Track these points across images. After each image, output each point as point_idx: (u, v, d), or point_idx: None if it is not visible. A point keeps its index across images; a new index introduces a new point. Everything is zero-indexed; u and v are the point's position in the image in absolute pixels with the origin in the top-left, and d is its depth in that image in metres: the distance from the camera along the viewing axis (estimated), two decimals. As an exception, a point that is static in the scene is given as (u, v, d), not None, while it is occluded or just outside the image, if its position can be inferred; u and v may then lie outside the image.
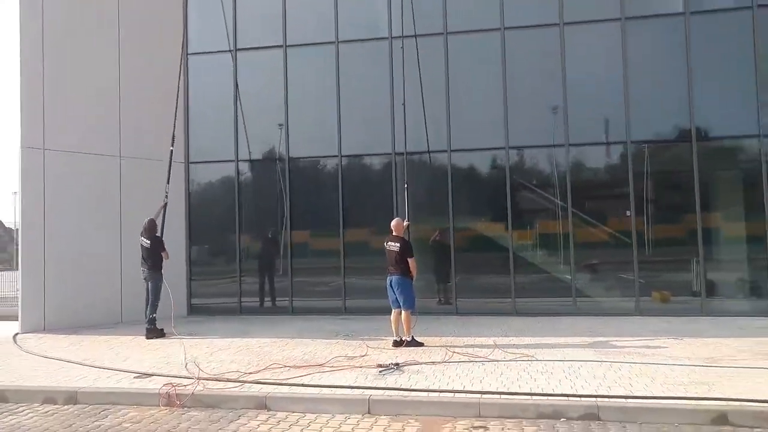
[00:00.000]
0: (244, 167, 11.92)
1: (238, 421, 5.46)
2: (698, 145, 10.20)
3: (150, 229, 9.42)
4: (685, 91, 10.21)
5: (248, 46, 11.84)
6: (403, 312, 7.85)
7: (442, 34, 11.03)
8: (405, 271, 7.86)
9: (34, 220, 10.03)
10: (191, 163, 11.88)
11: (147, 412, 5.80)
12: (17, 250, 10.67)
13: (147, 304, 9.37)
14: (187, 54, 11.83)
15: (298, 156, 11.68)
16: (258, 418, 5.55)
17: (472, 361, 7.02)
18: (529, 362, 6.90)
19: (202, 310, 11.62)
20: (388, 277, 8.05)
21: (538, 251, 11.06)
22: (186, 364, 7.20)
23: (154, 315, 9.28)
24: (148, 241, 9.35)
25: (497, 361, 7.02)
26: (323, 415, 5.60)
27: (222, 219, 11.94)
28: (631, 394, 5.52)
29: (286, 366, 6.97)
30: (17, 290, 10.27)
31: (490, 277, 11.25)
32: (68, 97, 10.36)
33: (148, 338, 9.08)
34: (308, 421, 5.44)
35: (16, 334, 9.65)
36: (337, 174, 11.40)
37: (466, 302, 10.92)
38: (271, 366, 6.95)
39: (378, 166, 11.59)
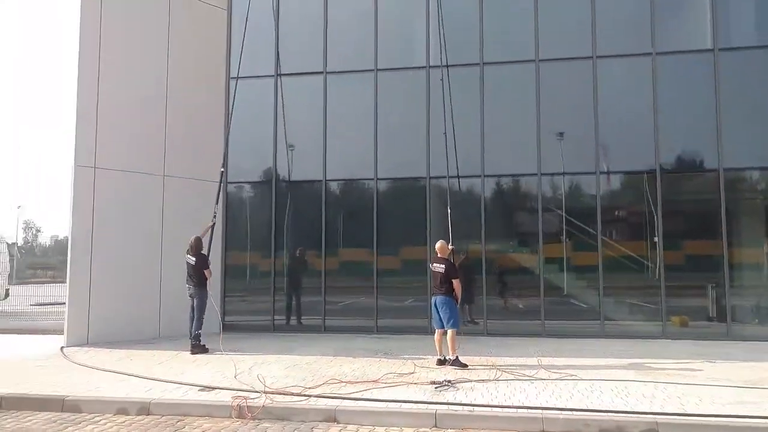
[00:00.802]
0: (281, 187, 12.25)
1: (313, 432, 5.73)
2: (725, 174, 10.62)
3: (196, 247, 9.71)
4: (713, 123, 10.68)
5: (290, 72, 12.26)
6: (448, 331, 8.10)
7: (478, 64, 11.50)
8: (449, 292, 8.15)
9: (82, 236, 10.31)
10: (230, 183, 12.20)
11: (220, 423, 6.06)
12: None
13: (191, 321, 9.63)
14: (229, 78, 12.28)
15: (335, 178, 12.03)
16: (331, 430, 5.81)
17: (520, 380, 7.31)
18: (576, 381, 7.20)
19: (234, 328, 11.82)
20: (432, 297, 8.34)
21: (566, 275, 11.37)
22: (253, 378, 7.46)
23: (200, 331, 9.54)
24: (194, 259, 9.63)
25: (544, 380, 7.31)
26: (392, 428, 5.87)
27: (257, 238, 12.25)
28: (686, 412, 5.81)
29: (342, 382, 7.23)
30: (58, 304, 10.50)
31: (520, 299, 11.55)
32: (119, 118, 10.71)
33: (192, 353, 9.32)
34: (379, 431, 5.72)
35: (62, 347, 9.87)
36: (373, 196, 11.74)
37: (495, 323, 11.20)
38: (329, 381, 7.21)
39: (412, 189, 11.94)
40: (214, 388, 6.99)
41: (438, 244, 8.53)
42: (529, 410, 5.99)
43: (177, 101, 11.50)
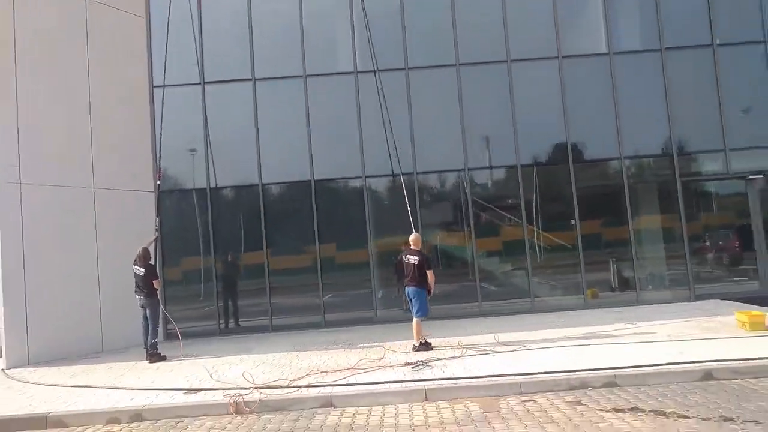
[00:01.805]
0: (215, 195, 12.21)
1: (317, 418, 6.07)
2: (625, 162, 12.07)
3: (144, 257, 9.58)
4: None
5: (217, 79, 12.25)
6: (414, 319, 8.64)
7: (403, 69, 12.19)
8: (421, 283, 8.62)
9: (12, 255, 9.75)
10: (164, 191, 11.98)
11: (222, 419, 6.23)
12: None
13: (145, 330, 9.49)
14: (153, 86, 12.09)
15: (271, 182, 12.21)
16: (333, 414, 6.19)
17: (483, 354, 8.04)
18: (534, 350, 8.05)
19: (176, 336, 11.64)
20: (406, 288, 8.79)
21: (498, 259, 12.36)
22: (231, 377, 7.59)
23: (156, 340, 9.43)
24: (143, 269, 9.50)
25: (505, 352, 8.09)
26: (387, 405, 6.35)
27: (195, 246, 12.15)
28: (636, 364, 6.80)
29: (321, 372, 7.58)
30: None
31: (457, 284, 12.37)
32: (42, 132, 10.25)
33: (151, 362, 9.21)
34: (380, 410, 6.17)
35: (3, 369, 9.32)
36: (311, 197, 12.06)
37: (437, 309, 11.92)
38: (310, 373, 7.53)
39: (348, 189, 12.41)
40: (198, 390, 7.08)
41: (412, 237, 8.97)
42: (505, 377, 6.70)
43: (102, 112, 11.14)
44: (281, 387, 6.93)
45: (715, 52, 12.30)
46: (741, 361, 6.70)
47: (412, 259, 8.70)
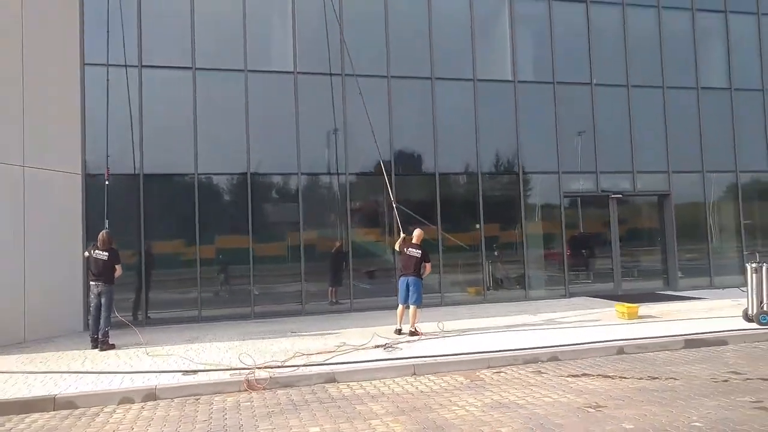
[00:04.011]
0: (150, 181, 12.07)
1: (328, 391, 6.84)
2: (523, 177, 14.12)
3: (107, 241, 9.39)
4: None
5: (152, 64, 12.13)
6: (411, 307, 9.55)
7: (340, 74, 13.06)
8: (419, 273, 9.62)
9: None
10: (88, 174, 11.62)
11: (241, 395, 6.73)
12: None
13: (95, 320, 9.29)
14: (84, 64, 11.70)
15: (206, 172, 12.36)
16: (340, 387, 7.01)
17: (438, 338, 9.30)
18: (480, 335, 9.47)
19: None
20: (404, 278, 9.67)
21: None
22: (220, 359, 7.97)
23: (108, 328, 9.31)
24: (105, 254, 9.32)
25: (452, 336, 9.42)
26: (384, 379, 7.31)
27: (123, 231, 11.86)
28: (570, 343, 8.49)
29: (304, 354, 8.24)
30: None
31: (380, 279, 13.50)
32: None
33: (102, 350, 9.11)
34: (379, 383, 7.11)
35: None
36: (247, 189, 12.45)
37: (366, 302, 12.99)
38: (295, 355, 8.17)
39: (283, 184, 13.01)
40: (196, 372, 7.43)
41: (416, 232, 9.90)
42: (474, 354, 8.01)
43: (33, 87, 10.57)
44: (284, 366, 7.53)
45: (593, 90, 14.86)
46: (641, 340, 8.70)
47: (415, 252, 9.66)
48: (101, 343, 9.21)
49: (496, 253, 14.17)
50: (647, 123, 15.31)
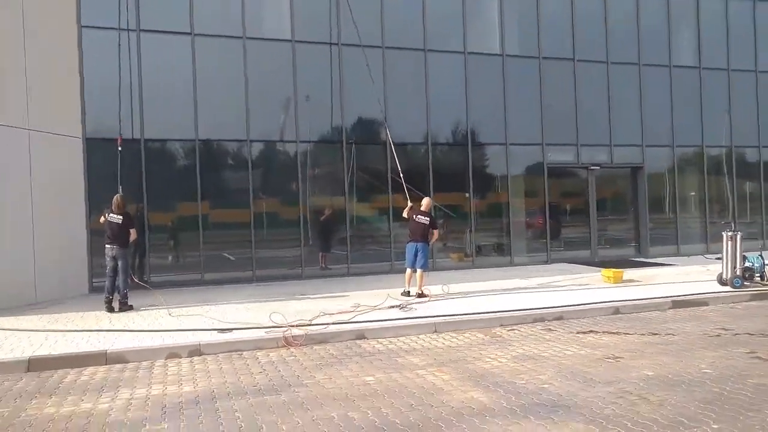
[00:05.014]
0: (150, 146, 12.12)
1: (362, 346, 7.31)
2: (509, 148, 14.71)
3: (122, 206, 9.50)
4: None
5: (151, 28, 12.04)
6: (419, 271, 10.02)
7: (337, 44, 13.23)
8: (427, 239, 10.09)
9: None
10: (88, 139, 11.57)
11: (280, 351, 7.13)
12: None
13: (111, 281, 9.43)
14: (82, 26, 11.54)
15: (206, 138, 12.45)
16: (371, 343, 7.50)
17: (446, 299, 9.88)
18: (485, 297, 10.11)
19: (103, 289, 11.47)
20: (412, 243, 10.08)
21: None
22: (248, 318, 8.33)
23: (127, 290, 9.50)
24: (120, 217, 9.43)
25: (458, 298, 10.02)
26: (409, 336, 7.85)
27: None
28: (573, 303, 9.21)
29: (327, 314, 8.67)
30: None
31: (374, 245, 13.97)
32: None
33: (121, 311, 9.32)
34: (407, 340, 7.63)
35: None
36: (247, 157, 12.63)
37: (359, 267, 13.47)
38: (319, 315, 8.58)
39: (280, 151, 13.21)
40: (231, 330, 7.77)
41: (425, 201, 10.32)
42: (487, 314, 8.61)
43: (34, 49, 10.42)
44: (312, 324, 7.95)
45: (575, 65, 15.49)
46: (634, 301, 9.50)
47: (423, 219, 10.10)
48: (121, 304, 9.41)
49: (485, 220, 14.83)
50: (625, 99, 16.10)
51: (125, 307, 9.42)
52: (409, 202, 10.62)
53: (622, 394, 5.21)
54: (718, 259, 14.54)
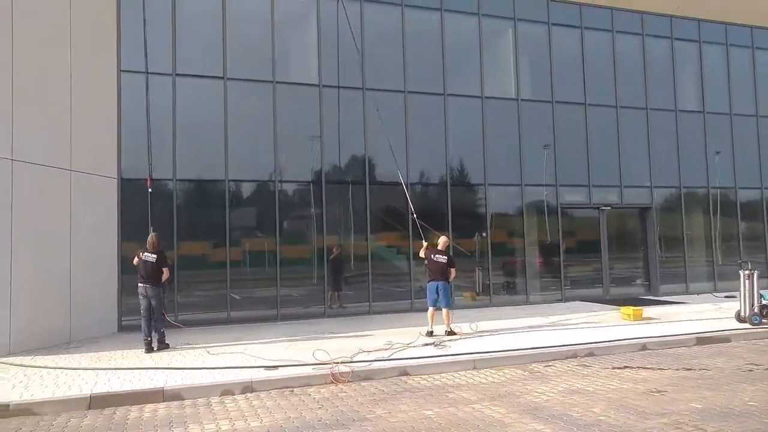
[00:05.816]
0: (182, 186, 12.45)
1: (408, 382, 7.52)
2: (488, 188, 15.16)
3: (156, 244, 9.72)
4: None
5: (187, 73, 12.51)
6: (444, 310, 10.26)
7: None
8: (447, 278, 10.33)
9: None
10: (124, 179, 11.89)
11: (330, 387, 7.32)
12: None
13: (147, 321, 9.54)
14: (121, 70, 11.99)
15: (235, 179, 12.79)
16: (414, 379, 7.70)
17: (476, 338, 10.09)
18: (516, 334, 10.32)
19: (131, 328, 11.63)
20: (433, 283, 10.33)
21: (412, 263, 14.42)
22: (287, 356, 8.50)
23: (164, 329, 9.67)
24: (154, 256, 9.63)
25: (487, 336, 10.24)
26: (449, 372, 8.05)
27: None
28: (601, 340, 9.45)
29: (364, 351, 8.86)
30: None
31: (393, 284, 14.20)
32: (33, 112, 9.84)
33: (159, 350, 9.45)
34: (449, 376, 7.84)
35: (-5, 359, 8.77)
36: (275, 196, 12.97)
37: (379, 305, 13.67)
38: (358, 353, 8.76)
39: (306, 192, 13.57)
40: (276, 367, 7.95)
41: (441, 239, 10.61)
42: (521, 351, 8.85)
43: (79, 92, 10.81)
44: (354, 362, 8.15)
45: (587, 109, 16.09)
46: (660, 338, 9.77)
47: (441, 258, 10.38)
48: (159, 343, 9.55)
49: (501, 258, 15.13)
50: (633, 141, 16.67)
51: (163, 345, 9.56)
52: (423, 241, 10.88)
53: (679, 425, 5.45)
54: (727, 297, 15.16)
